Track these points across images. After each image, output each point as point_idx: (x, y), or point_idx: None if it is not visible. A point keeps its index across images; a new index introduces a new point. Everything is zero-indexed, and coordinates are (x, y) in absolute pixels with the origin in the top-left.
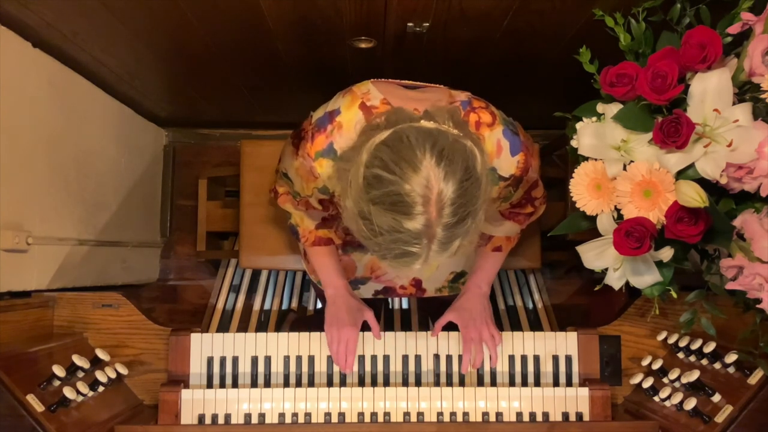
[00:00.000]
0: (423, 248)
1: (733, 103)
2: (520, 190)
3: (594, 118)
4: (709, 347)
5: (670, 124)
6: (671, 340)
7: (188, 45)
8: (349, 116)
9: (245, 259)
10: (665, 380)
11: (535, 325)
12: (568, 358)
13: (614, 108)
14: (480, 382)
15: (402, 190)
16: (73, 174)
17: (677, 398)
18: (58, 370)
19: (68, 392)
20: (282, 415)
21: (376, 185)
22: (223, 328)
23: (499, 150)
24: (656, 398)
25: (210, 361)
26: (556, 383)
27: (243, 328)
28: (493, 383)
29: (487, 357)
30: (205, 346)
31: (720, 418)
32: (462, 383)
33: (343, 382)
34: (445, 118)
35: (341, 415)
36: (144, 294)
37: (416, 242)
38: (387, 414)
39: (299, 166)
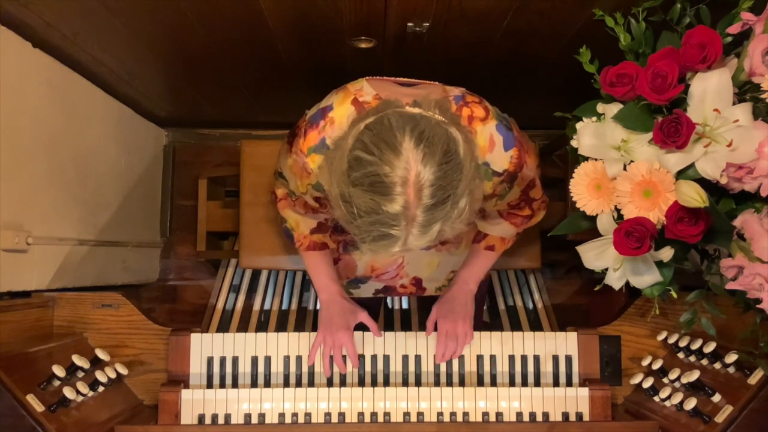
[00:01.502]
0: (402, 231)
1: (733, 103)
2: (516, 188)
3: (594, 118)
4: (709, 347)
5: (670, 124)
6: (671, 340)
7: (188, 45)
8: (342, 111)
9: (245, 259)
10: (665, 380)
11: (535, 325)
12: (568, 358)
13: (614, 108)
14: (480, 382)
15: (381, 170)
16: (73, 174)
17: (677, 398)
18: (58, 370)
19: (68, 392)
20: (282, 415)
21: (356, 167)
22: (223, 328)
23: (492, 145)
24: (656, 398)
25: (210, 361)
26: (556, 383)
27: (243, 328)
28: (493, 383)
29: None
30: (205, 346)
31: (720, 418)
32: (462, 383)
33: (343, 382)
34: (431, 107)
35: (341, 415)
36: (144, 294)
37: (395, 224)
38: (387, 414)
39: (293, 163)
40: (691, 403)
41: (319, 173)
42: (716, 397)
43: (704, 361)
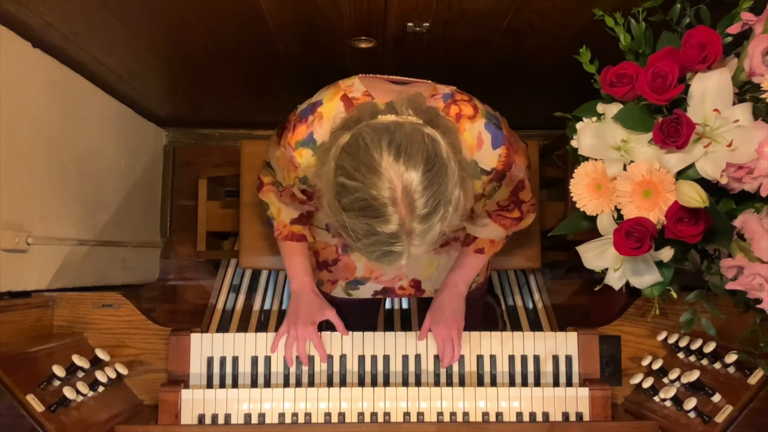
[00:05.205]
0: (403, 245)
1: (733, 103)
2: (505, 188)
3: (594, 118)
4: (709, 347)
5: (670, 124)
6: (671, 340)
7: (188, 45)
8: (330, 107)
9: (245, 259)
10: (665, 380)
11: (535, 325)
12: (568, 358)
13: (614, 108)
14: (480, 382)
15: (368, 195)
16: (73, 174)
17: (677, 398)
18: (58, 370)
19: (68, 392)
20: (282, 415)
21: (343, 193)
22: (223, 328)
23: (480, 143)
24: (656, 398)
25: (210, 361)
26: (556, 383)
27: (243, 328)
28: (493, 383)
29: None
30: (205, 346)
31: (720, 418)
32: (462, 383)
33: (343, 382)
34: (404, 107)
35: (341, 415)
36: (144, 294)
37: (394, 241)
38: (387, 414)
39: (280, 155)
40: (691, 403)
41: (308, 172)
42: (716, 397)
43: (704, 361)
